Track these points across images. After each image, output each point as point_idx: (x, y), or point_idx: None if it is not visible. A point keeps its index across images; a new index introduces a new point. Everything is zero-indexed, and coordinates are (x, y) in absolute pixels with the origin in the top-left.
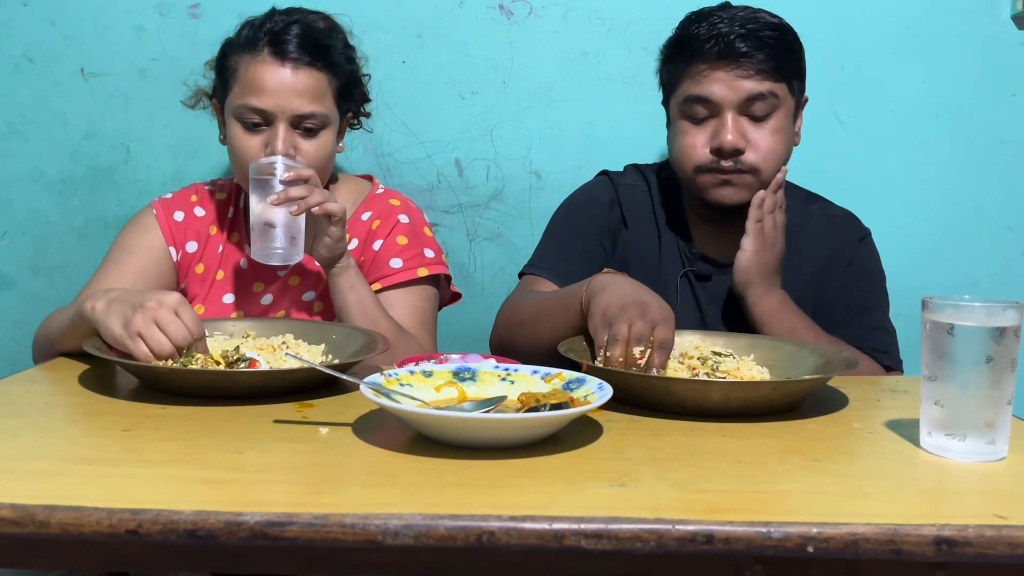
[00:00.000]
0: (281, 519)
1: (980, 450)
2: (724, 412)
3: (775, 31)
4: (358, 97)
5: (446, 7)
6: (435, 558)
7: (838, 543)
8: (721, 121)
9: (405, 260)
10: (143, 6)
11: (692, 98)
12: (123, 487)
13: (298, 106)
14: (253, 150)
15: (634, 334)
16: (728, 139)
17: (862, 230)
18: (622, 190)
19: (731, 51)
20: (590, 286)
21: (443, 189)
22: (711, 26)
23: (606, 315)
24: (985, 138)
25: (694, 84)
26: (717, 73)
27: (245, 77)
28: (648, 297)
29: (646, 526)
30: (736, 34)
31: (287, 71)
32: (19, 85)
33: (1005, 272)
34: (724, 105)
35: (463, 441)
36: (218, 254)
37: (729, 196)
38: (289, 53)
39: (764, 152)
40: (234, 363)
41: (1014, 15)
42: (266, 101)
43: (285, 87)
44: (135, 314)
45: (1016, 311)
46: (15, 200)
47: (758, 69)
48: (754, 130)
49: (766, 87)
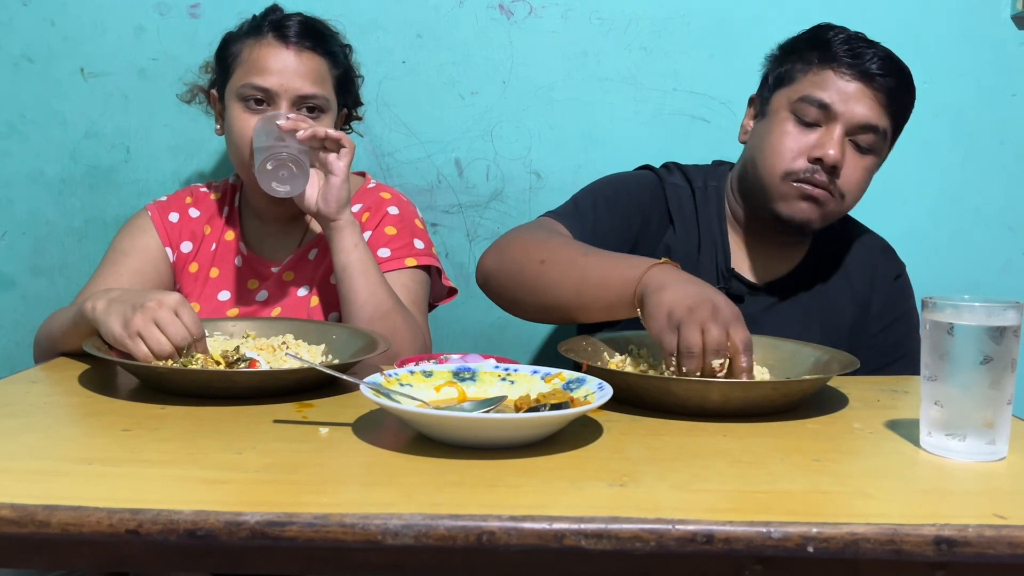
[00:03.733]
0: (281, 519)
1: (980, 450)
2: (724, 412)
3: (907, 73)
4: (353, 94)
5: (446, 7)
6: (435, 558)
7: (838, 543)
8: (829, 133)
9: (393, 250)
10: (143, 6)
11: (811, 99)
12: (123, 487)
13: (300, 87)
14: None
15: (711, 344)
16: (832, 153)
17: (898, 266)
18: (669, 188)
19: (867, 70)
20: (645, 280)
21: (443, 189)
22: (850, 40)
23: (672, 317)
24: (985, 138)
25: (817, 86)
26: (847, 84)
27: (248, 59)
28: (714, 295)
29: (646, 526)
30: (875, 55)
31: (290, 53)
32: (19, 85)
33: (1005, 272)
34: (840, 119)
35: (463, 441)
36: (211, 252)
37: (806, 212)
38: (292, 37)
39: (854, 183)
40: (234, 363)
41: (1014, 15)
42: (270, 80)
43: (288, 68)
44: (135, 314)
45: (1016, 311)
46: (15, 200)
47: (884, 100)
48: (853, 158)
49: (884, 124)
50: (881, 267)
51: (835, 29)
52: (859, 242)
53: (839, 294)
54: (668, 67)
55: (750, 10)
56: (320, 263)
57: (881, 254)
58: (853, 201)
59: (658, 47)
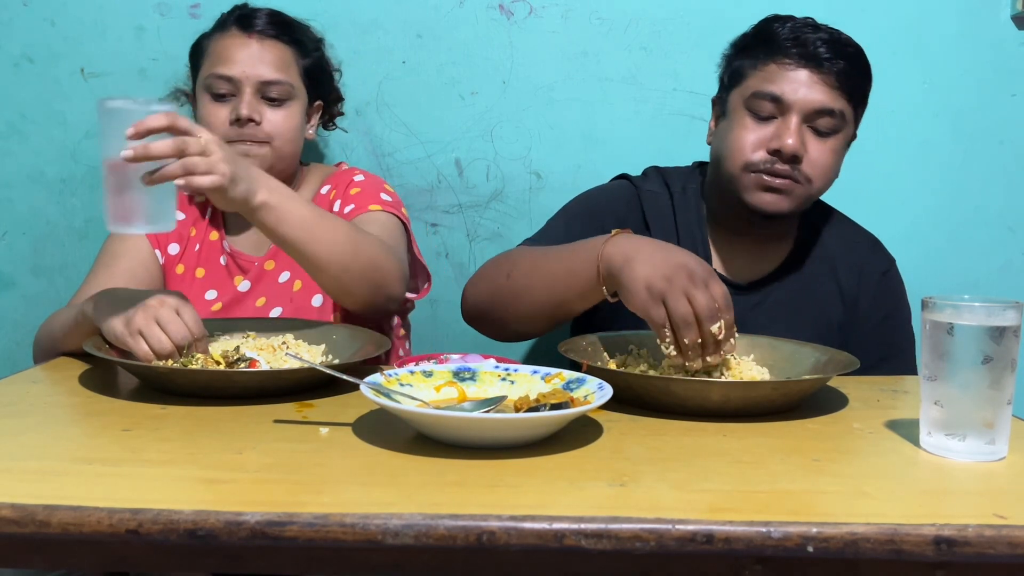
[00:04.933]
0: (281, 519)
1: (980, 450)
2: (724, 412)
3: (856, 51)
4: (328, 90)
5: (446, 7)
6: (435, 558)
7: (838, 543)
8: (785, 123)
9: (357, 204)
10: (143, 6)
11: (762, 94)
12: (123, 487)
13: (263, 72)
14: (220, 118)
15: (702, 311)
16: (790, 143)
17: (885, 262)
18: (645, 195)
19: (813, 56)
20: (606, 256)
21: (443, 189)
22: (796, 29)
23: (653, 290)
24: (985, 138)
25: (767, 80)
26: (795, 73)
27: (213, 52)
28: (683, 257)
29: (646, 526)
30: (821, 40)
31: (253, 42)
32: (19, 85)
33: (1005, 272)
34: (793, 108)
35: (463, 441)
36: (195, 252)
37: (772, 203)
38: (255, 26)
39: (819, 168)
40: (234, 363)
41: (1014, 15)
42: (233, 69)
43: (251, 55)
44: (137, 312)
45: (1016, 311)
46: (15, 200)
47: (835, 83)
48: (814, 142)
49: (839, 105)
50: (868, 263)
51: (780, 20)
52: (845, 237)
53: (826, 291)
54: (668, 67)
55: (750, 10)
56: None
57: (868, 250)
58: (824, 183)
59: (658, 47)
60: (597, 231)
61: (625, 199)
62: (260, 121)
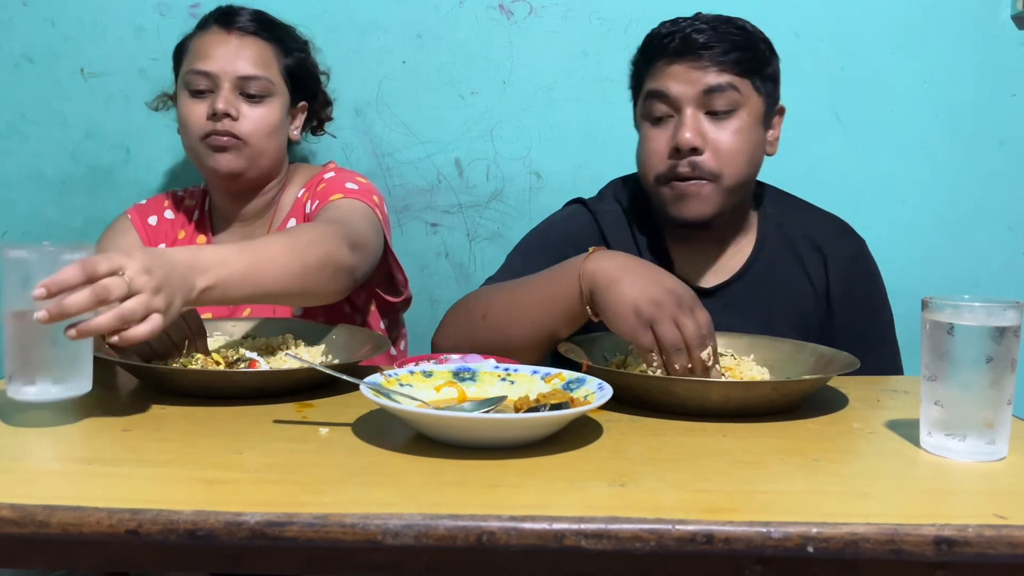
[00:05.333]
0: (281, 519)
1: (980, 450)
2: (724, 412)
3: (740, 30)
4: (313, 92)
5: (446, 7)
6: (435, 558)
7: (838, 543)
8: (680, 119)
9: (321, 199)
10: (143, 6)
11: (650, 94)
12: (123, 487)
13: (241, 68)
14: (197, 114)
15: (692, 339)
16: (685, 136)
17: (853, 246)
18: (601, 216)
19: (689, 44)
20: (589, 273)
21: (443, 189)
22: (675, 26)
23: (641, 315)
24: (985, 138)
25: (653, 81)
26: (675, 67)
27: (193, 49)
28: (670, 282)
29: (646, 526)
30: (696, 28)
31: (232, 38)
32: (19, 85)
33: (1005, 272)
34: (683, 101)
35: (463, 441)
36: None
37: (690, 210)
38: (236, 23)
39: (725, 154)
40: (234, 363)
41: (1014, 15)
42: (210, 64)
43: (230, 51)
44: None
45: (1016, 311)
46: (15, 200)
47: (716, 61)
48: (715, 129)
49: (725, 79)
50: (835, 249)
51: (664, 24)
52: (809, 226)
53: (797, 284)
54: None
55: (750, 12)
56: None
57: (834, 236)
58: (737, 169)
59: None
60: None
61: (580, 225)
62: (237, 117)
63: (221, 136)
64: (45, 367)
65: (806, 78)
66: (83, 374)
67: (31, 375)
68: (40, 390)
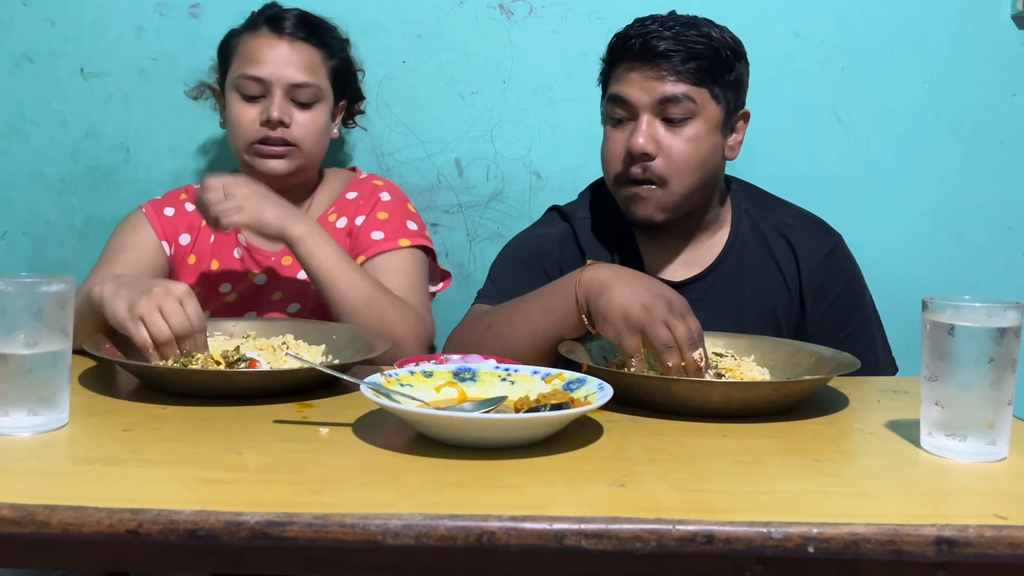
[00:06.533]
0: (281, 519)
1: (980, 450)
2: (724, 412)
3: (703, 38)
4: (352, 88)
5: (446, 7)
6: (435, 558)
7: (838, 543)
8: (636, 124)
9: (386, 232)
10: (143, 6)
11: (611, 98)
12: (123, 487)
13: (293, 75)
14: (249, 118)
15: (683, 340)
16: (638, 142)
17: (827, 243)
18: (577, 223)
19: (648, 50)
20: (584, 283)
21: (443, 189)
22: (641, 28)
23: (630, 320)
24: (985, 138)
25: (614, 83)
26: (633, 74)
27: (244, 51)
28: (661, 289)
29: (646, 526)
30: (657, 35)
31: (283, 43)
32: (19, 85)
33: (1005, 272)
34: (639, 107)
35: (463, 441)
36: (211, 244)
37: (639, 212)
38: (285, 28)
39: (675, 160)
40: (234, 363)
41: (1014, 15)
42: (263, 70)
43: (281, 57)
44: (141, 298)
45: (1016, 311)
46: (15, 200)
47: (674, 70)
48: (669, 136)
49: (681, 90)
50: (808, 245)
51: (633, 25)
52: (783, 223)
53: (768, 280)
54: None
55: (750, 12)
56: None
57: (807, 232)
58: (688, 176)
59: None
60: (541, 277)
61: (556, 237)
62: (290, 124)
63: (276, 144)
64: (19, 399)
65: (806, 78)
66: (59, 407)
67: (4, 407)
68: (14, 422)
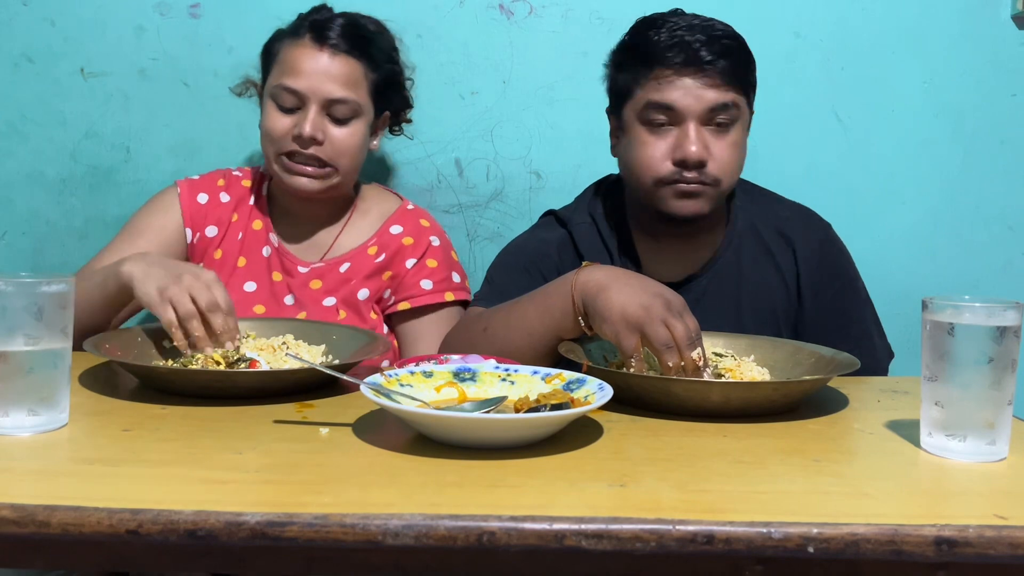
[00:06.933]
0: (281, 519)
1: (980, 450)
2: (724, 413)
3: (734, 40)
4: (397, 100)
5: (446, 7)
6: (435, 558)
7: (839, 543)
8: (684, 131)
9: (435, 283)
10: (143, 6)
11: (653, 105)
12: (123, 487)
13: (330, 90)
14: (282, 129)
15: (682, 339)
16: (693, 150)
17: (819, 230)
18: (575, 228)
19: (696, 59)
20: (581, 284)
21: (443, 189)
22: (671, 33)
23: (629, 320)
24: (985, 138)
25: (656, 91)
26: (682, 80)
27: (284, 60)
28: (659, 289)
29: (646, 526)
30: (700, 41)
31: (324, 56)
32: (19, 85)
33: (1005, 272)
34: (687, 115)
35: (463, 441)
36: (238, 241)
37: (690, 208)
38: (328, 39)
39: (725, 164)
40: (234, 363)
41: (1014, 15)
42: (300, 82)
43: (320, 70)
44: (171, 283)
45: (1016, 311)
46: (15, 200)
47: (722, 78)
48: (715, 141)
49: (729, 97)
50: (803, 237)
51: (654, 24)
52: (775, 216)
53: (766, 275)
54: None
55: (750, 12)
56: (350, 279)
57: (801, 224)
58: (733, 177)
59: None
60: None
61: (555, 242)
62: (323, 141)
63: (306, 162)
64: (19, 399)
65: (806, 78)
66: (59, 407)
67: (4, 407)
68: (14, 422)
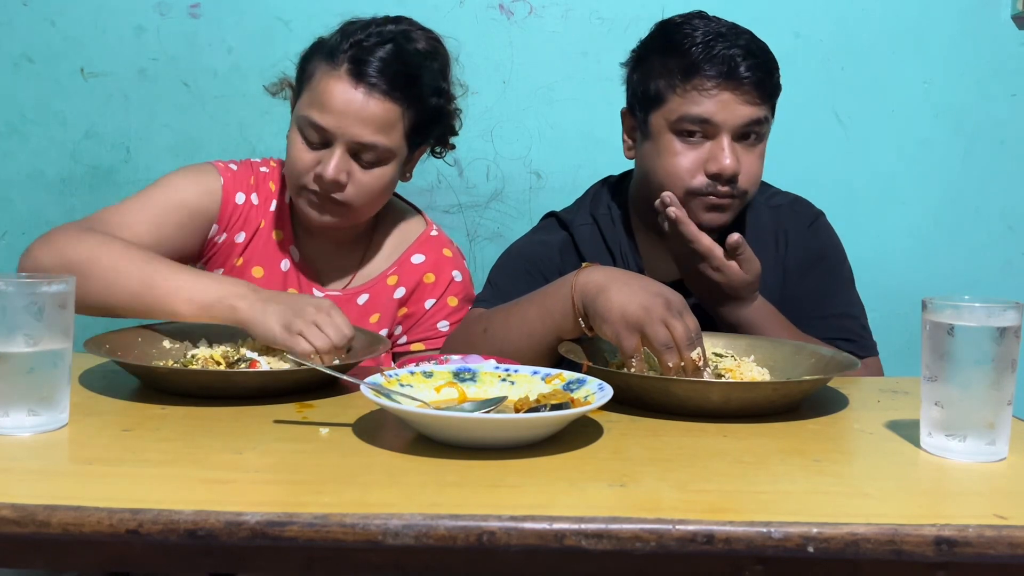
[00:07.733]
0: (281, 519)
1: (980, 450)
2: (724, 413)
3: (764, 52)
4: (437, 132)
5: (446, 7)
6: (435, 558)
7: (839, 543)
8: (718, 145)
9: (452, 324)
10: (143, 6)
11: (689, 118)
12: (123, 487)
13: (359, 133)
14: (306, 166)
15: (681, 339)
16: (728, 164)
17: (810, 215)
18: (577, 231)
19: (735, 73)
20: (581, 285)
21: (443, 189)
22: (707, 44)
23: (629, 320)
24: (985, 138)
25: (694, 104)
26: (721, 94)
27: (316, 88)
28: (660, 288)
29: (646, 526)
30: (738, 56)
31: (359, 95)
32: (19, 85)
33: (1005, 272)
34: (723, 128)
35: (463, 441)
36: (260, 249)
37: (719, 220)
38: (367, 76)
39: (753, 177)
40: (234, 363)
41: (1014, 15)
42: (328, 120)
43: (351, 110)
44: (295, 318)
45: (1016, 311)
46: (15, 200)
47: (757, 93)
48: (745, 154)
49: (763, 113)
50: (793, 223)
51: (683, 30)
52: (768, 207)
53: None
54: None
55: (750, 12)
56: (369, 311)
57: (791, 211)
58: (756, 187)
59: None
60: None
61: (557, 245)
62: (346, 183)
63: (325, 201)
64: (19, 399)
65: (806, 78)
66: (59, 407)
67: (4, 407)
68: (14, 422)
